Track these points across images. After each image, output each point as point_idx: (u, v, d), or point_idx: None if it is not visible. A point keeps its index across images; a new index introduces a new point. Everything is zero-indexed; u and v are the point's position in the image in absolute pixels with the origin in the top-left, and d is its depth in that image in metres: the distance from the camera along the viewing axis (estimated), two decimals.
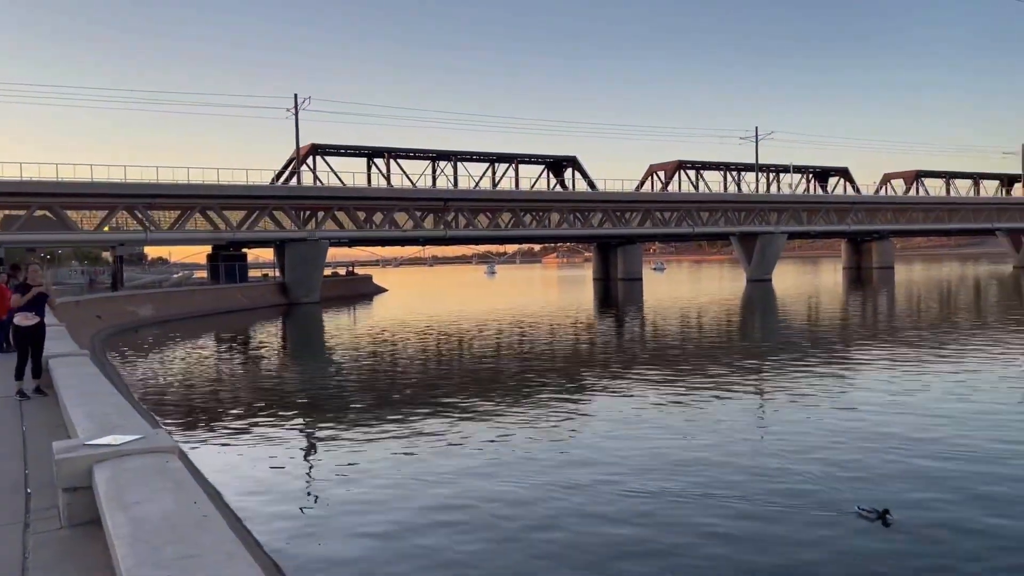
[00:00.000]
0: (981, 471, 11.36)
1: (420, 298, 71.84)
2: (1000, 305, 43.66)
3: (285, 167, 67.83)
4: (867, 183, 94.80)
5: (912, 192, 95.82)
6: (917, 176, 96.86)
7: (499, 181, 73.86)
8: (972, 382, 18.71)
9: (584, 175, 76.88)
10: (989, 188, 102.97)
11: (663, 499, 10.38)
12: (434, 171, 71.02)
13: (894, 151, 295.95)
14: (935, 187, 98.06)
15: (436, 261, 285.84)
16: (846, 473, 11.34)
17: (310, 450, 14.06)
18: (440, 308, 54.87)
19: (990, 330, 30.32)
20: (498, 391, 19.61)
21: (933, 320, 35.56)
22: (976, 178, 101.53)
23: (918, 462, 11.82)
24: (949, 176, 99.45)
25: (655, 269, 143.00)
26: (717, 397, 17.99)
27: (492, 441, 14.04)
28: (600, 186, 77.30)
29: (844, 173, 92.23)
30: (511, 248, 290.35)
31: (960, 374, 20.02)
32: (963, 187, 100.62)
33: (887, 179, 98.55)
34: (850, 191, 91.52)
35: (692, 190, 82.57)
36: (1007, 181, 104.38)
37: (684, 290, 71.74)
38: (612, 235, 79.80)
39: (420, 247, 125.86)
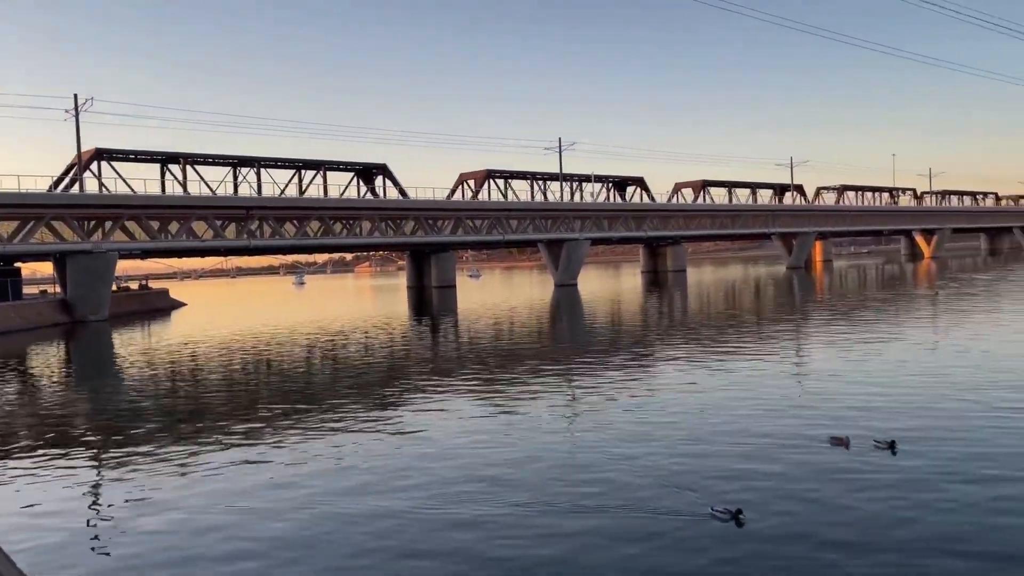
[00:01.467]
0: (817, 461, 12.36)
1: (222, 312, 68.11)
2: (776, 302, 48.27)
3: (65, 173, 61.85)
4: (661, 192, 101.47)
5: (700, 200, 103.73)
6: (704, 185, 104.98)
7: (306, 188, 71.70)
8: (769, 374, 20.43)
9: (395, 182, 76.43)
10: (764, 196, 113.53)
11: (502, 513, 10.24)
12: (235, 178, 67.63)
13: (684, 161, 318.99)
14: (719, 195, 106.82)
15: (240, 272, 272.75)
16: (687, 472, 11.79)
17: (92, 484, 12.79)
18: (244, 322, 52.31)
19: (773, 325, 33.37)
20: (306, 408, 18.90)
21: (725, 317, 38.60)
22: (754, 187, 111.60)
23: (738, 457, 12.53)
24: (731, 185, 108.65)
25: (471, 276, 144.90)
26: (541, 402, 18.38)
27: (291, 464, 13.47)
28: (411, 194, 77.20)
29: (640, 182, 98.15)
30: (321, 258, 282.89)
31: (752, 365, 21.82)
32: (743, 195, 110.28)
33: (678, 188, 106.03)
34: (646, 199, 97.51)
35: (501, 198, 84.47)
36: (780, 190, 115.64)
37: (497, 296, 73.16)
38: (425, 243, 79.94)
39: (222, 258, 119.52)
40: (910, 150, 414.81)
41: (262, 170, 68.97)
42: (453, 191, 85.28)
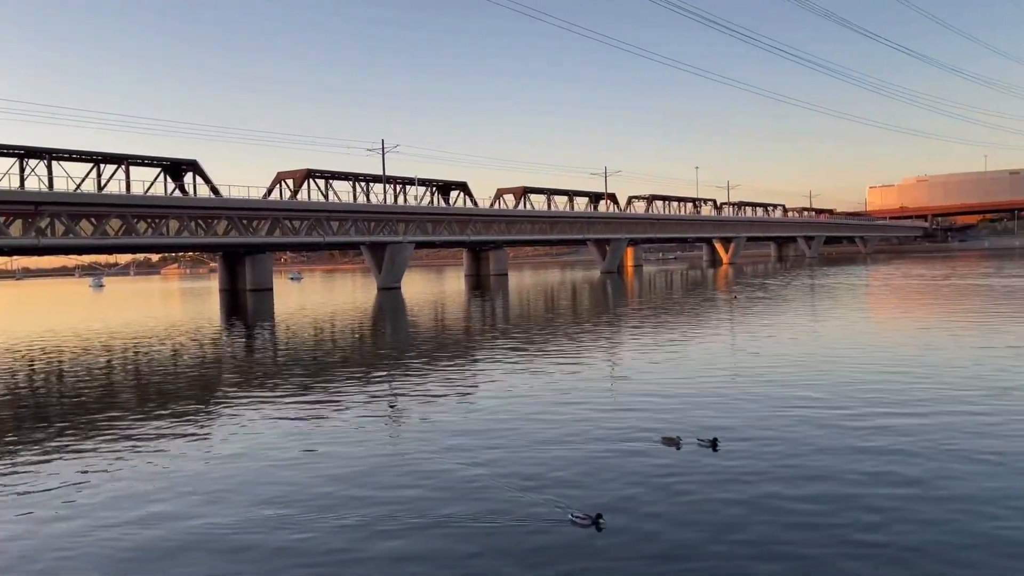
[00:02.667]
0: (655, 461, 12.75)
1: (3, 317, 61.38)
2: (593, 305, 50.37)
3: None
4: (484, 197, 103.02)
5: (521, 206, 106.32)
6: (525, 192, 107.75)
7: (106, 184, 66.16)
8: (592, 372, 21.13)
9: (206, 180, 72.30)
10: (581, 204, 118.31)
11: (348, 528, 9.84)
12: (22, 170, 61.19)
13: (506, 168, 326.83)
14: (539, 202, 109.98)
15: (28, 274, 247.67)
16: (533, 477, 11.81)
17: None
18: (27, 328, 47.44)
19: (593, 326, 34.73)
20: (96, 424, 17.38)
21: (547, 319, 39.71)
22: (571, 195, 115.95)
23: (579, 460, 12.70)
24: (550, 193, 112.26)
25: (293, 279, 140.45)
26: (363, 410, 17.94)
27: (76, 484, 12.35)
28: (225, 192, 73.32)
29: (464, 187, 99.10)
30: (124, 258, 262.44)
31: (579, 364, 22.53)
32: (561, 202, 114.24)
33: (500, 194, 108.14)
34: (469, 204, 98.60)
35: (322, 199, 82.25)
36: (595, 198, 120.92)
37: (317, 299, 71.11)
38: (239, 244, 76.18)
39: (6, 257, 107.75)
40: (712, 163, 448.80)
41: (54, 163, 62.89)
42: (270, 190, 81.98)
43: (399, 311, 52.44)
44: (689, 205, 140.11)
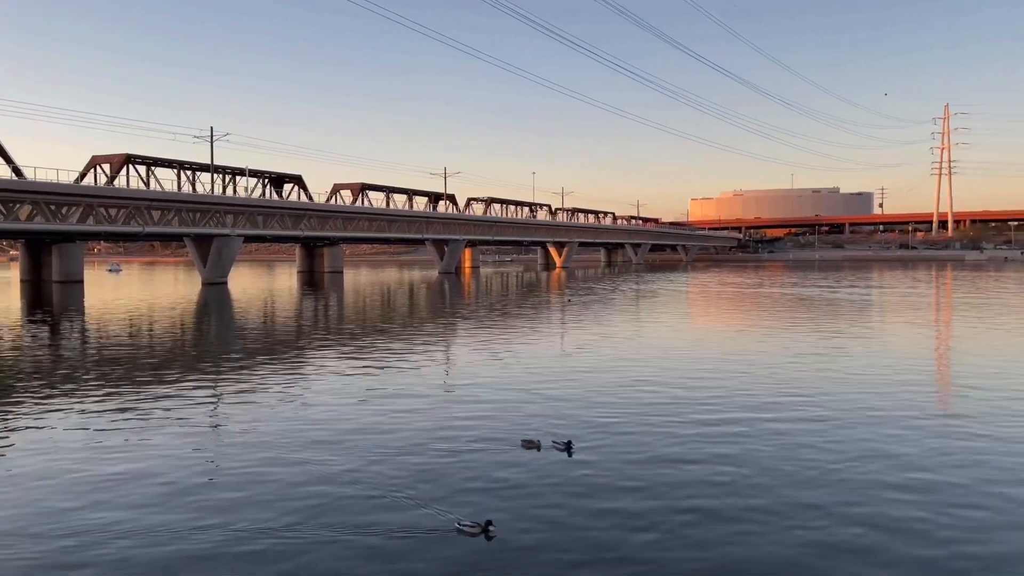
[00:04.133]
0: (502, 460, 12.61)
1: None
2: (431, 304, 50.27)
3: None
4: (319, 192, 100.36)
5: (358, 203, 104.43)
6: (363, 188, 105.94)
7: None
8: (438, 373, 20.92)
9: (8, 160, 65.68)
10: (420, 203, 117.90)
11: (189, 545, 9.04)
12: None
13: (344, 163, 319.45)
14: (377, 199, 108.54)
15: None
16: (401, 482, 11.44)
17: None
18: None
19: (435, 326, 34.57)
20: None
21: (386, 318, 39.12)
22: (411, 194, 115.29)
23: (445, 465, 12.46)
24: (389, 191, 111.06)
25: (111, 270, 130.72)
26: (190, 414, 16.82)
27: None
28: (30, 175, 66.91)
29: (298, 180, 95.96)
30: None
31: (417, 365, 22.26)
32: (400, 201, 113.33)
33: (337, 189, 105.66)
34: (304, 198, 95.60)
35: (142, 186, 76.86)
36: (434, 198, 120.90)
37: (135, 293, 66.29)
38: (44, 231, 69.69)
39: None
40: (548, 169, 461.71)
41: None
42: (83, 175, 75.60)
43: (224, 307, 49.91)
44: (526, 209, 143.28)
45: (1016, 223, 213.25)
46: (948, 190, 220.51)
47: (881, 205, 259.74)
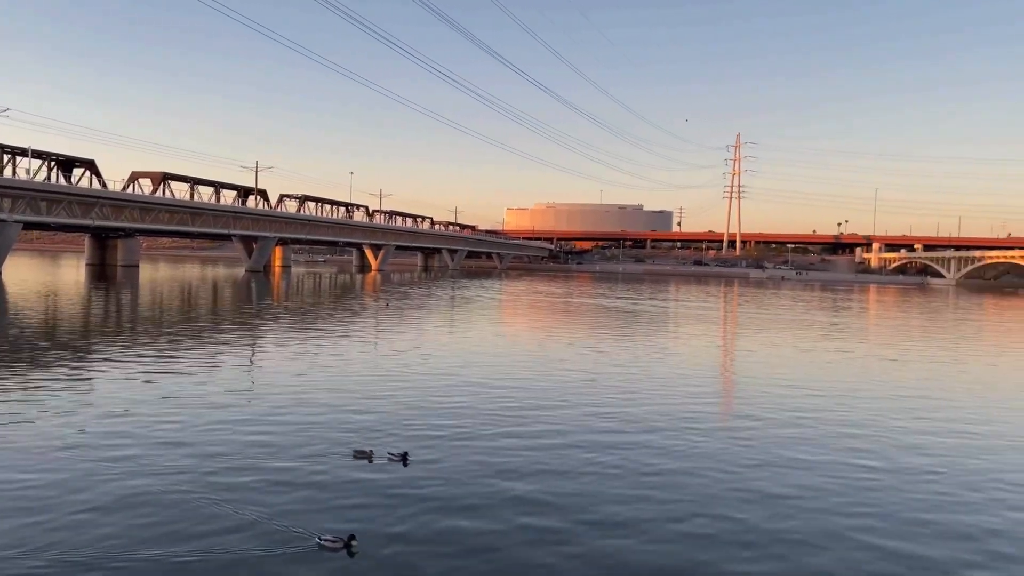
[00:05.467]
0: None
1: None
2: (236, 304, 47.70)
3: None
4: (115, 179, 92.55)
5: (159, 193, 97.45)
6: (164, 178, 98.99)
7: None
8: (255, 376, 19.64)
9: None
10: (228, 197, 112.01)
11: None
12: None
13: (143, 150, 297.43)
14: (181, 191, 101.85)
15: None
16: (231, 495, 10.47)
17: None
18: None
19: (239, 329, 32.70)
20: None
21: (188, 318, 36.55)
22: (218, 186, 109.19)
23: (276, 479, 11.75)
24: (194, 182, 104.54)
25: None
26: None
27: None
28: None
29: (91, 165, 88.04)
30: None
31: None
32: (206, 194, 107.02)
33: (136, 177, 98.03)
34: (96, 185, 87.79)
35: None
36: (244, 192, 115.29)
37: None
38: None
39: None
40: (367, 170, 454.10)
41: None
42: None
43: None
44: (342, 209, 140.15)
45: (792, 245, 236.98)
46: (737, 212, 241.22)
47: (679, 223, 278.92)
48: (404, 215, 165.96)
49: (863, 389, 22.60)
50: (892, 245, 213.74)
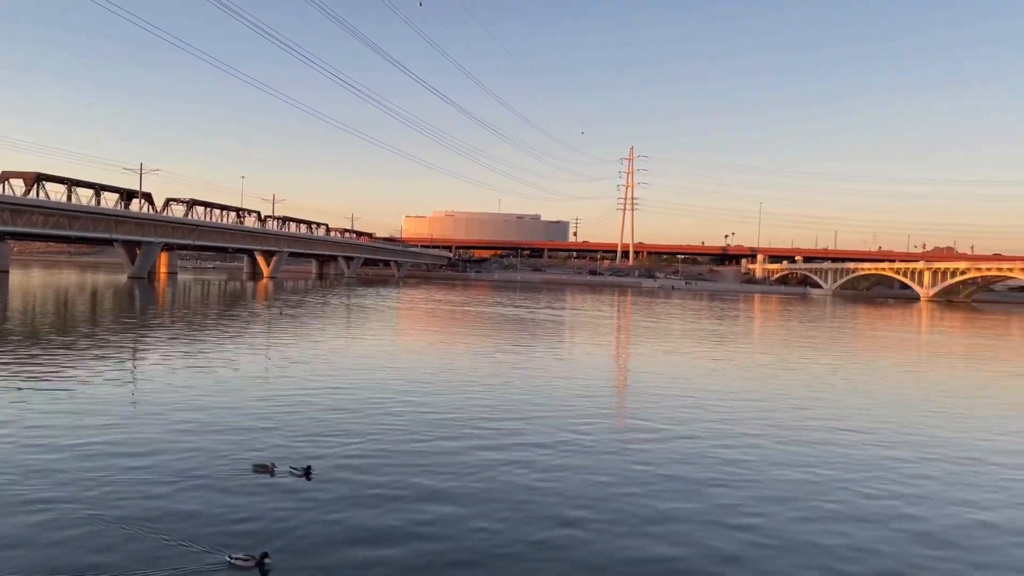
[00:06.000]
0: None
1: None
2: (114, 313, 45.35)
3: None
4: None
5: (33, 194, 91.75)
6: (38, 179, 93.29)
7: None
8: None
9: None
10: (111, 200, 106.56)
11: None
12: None
13: (15, 148, 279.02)
14: (57, 192, 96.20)
15: None
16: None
17: None
18: None
19: (111, 337, 31.03)
20: None
21: (59, 328, 34.45)
22: (99, 188, 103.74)
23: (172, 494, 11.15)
24: (72, 183, 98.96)
25: None
26: None
27: None
28: None
29: None
30: None
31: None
32: (85, 196, 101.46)
33: (6, 177, 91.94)
34: None
35: None
36: (127, 195, 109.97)
37: None
38: None
39: None
40: (259, 174, 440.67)
41: None
42: None
43: None
44: (232, 214, 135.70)
45: (683, 256, 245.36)
46: (631, 224, 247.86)
47: (575, 233, 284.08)
48: (298, 221, 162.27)
49: (740, 393, 23.58)
50: (775, 257, 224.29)
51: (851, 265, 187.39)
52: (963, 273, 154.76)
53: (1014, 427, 19.94)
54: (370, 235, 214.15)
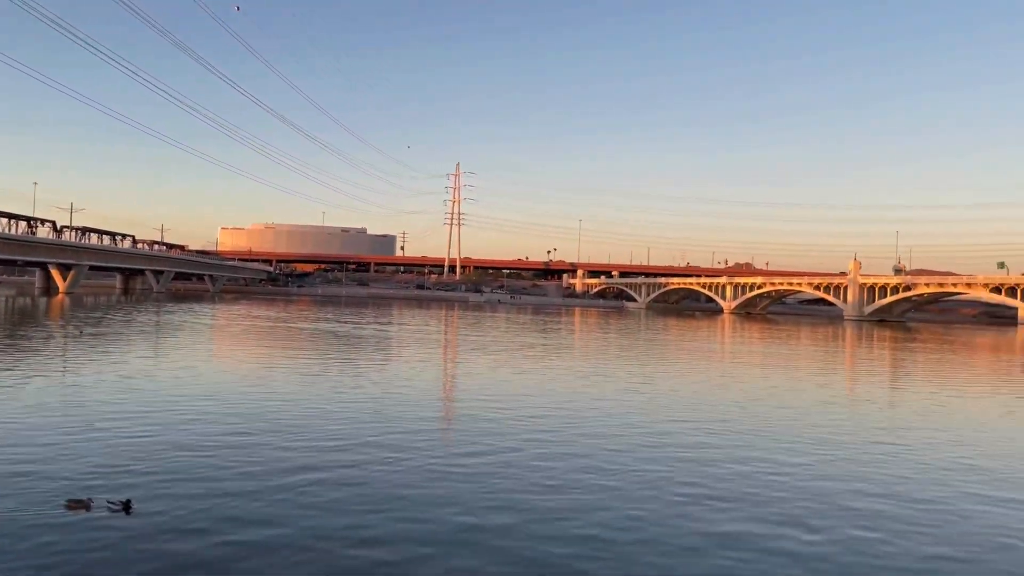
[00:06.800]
0: None
1: None
2: None
3: None
4: None
5: None
6: None
7: None
8: None
9: None
10: None
11: None
12: None
13: None
14: None
15: None
16: None
17: None
18: None
19: None
20: None
21: None
22: None
23: None
24: None
25: None
26: None
27: None
28: None
29: None
30: None
31: None
32: None
33: None
34: None
35: None
36: None
37: None
38: None
39: None
40: (54, 182, 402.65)
41: None
42: None
43: None
44: (23, 224, 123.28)
45: (508, 271, 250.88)
46: (458, 239, 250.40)
47: (403, 248, 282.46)
48: (100, 232, 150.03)
49: (563, 404, 24.35)
50: (594, 272, 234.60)
51: (663, 280, 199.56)
52: (760, 287, 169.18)
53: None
54: (182, 247, 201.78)
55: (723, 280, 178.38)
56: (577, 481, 14.54)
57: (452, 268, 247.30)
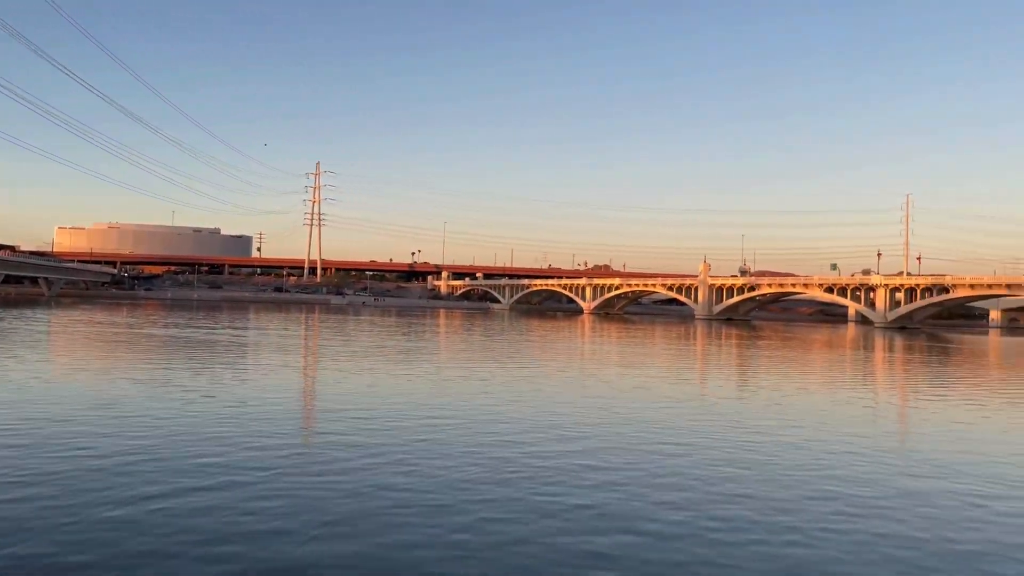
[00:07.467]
0: None
1: None
2: None
3: None
4: None
5: None
6: None
7: None
8: None
9: None
10: None
11: None
12: None
13: None
14: None
15: None
16: None
17: None
18: None
19: None
20: None
21: None
22: None
23: None
24: None
25: None
26: None
27: None
28: None
29: None
30: None
31: None
32: None
33: None
34: None
35: None
36: None
37: None
38: None
39: None
40: None
41: None
42: None
43: None
44: None
45: (371, 273, 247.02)
46: (318, 240, 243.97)
47: (260, 249, 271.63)
48: None
49: (429, 407, 24.28)
50: (459, 273, 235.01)
51: (526, 281, 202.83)
52: (618, 289, 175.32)
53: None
54: (12, 248, 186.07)
55: (583, 282, 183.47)
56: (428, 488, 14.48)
57: (313, 270, 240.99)
